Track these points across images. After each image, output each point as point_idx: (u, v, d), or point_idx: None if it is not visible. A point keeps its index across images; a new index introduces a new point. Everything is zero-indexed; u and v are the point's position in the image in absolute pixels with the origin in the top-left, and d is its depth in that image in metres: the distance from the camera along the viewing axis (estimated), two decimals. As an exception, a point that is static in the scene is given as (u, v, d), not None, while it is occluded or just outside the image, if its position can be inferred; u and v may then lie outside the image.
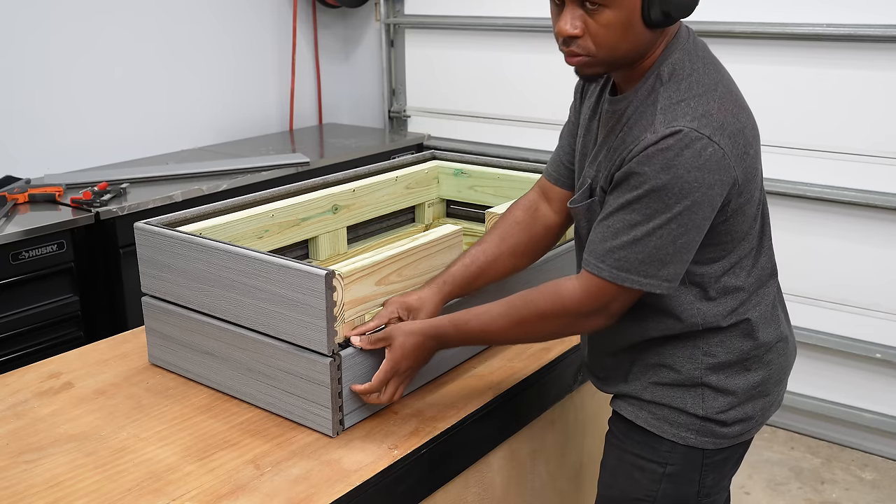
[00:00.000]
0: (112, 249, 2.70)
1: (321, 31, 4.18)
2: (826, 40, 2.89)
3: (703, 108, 1.25)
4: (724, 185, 1.26)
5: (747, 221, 1.35)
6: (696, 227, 1.26)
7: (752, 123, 1.33)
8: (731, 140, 1.25)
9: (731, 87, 1.33)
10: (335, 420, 1.42)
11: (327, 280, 1.35)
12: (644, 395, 1.44)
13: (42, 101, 3.11)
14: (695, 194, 1.23)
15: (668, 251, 1.26)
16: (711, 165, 1.23)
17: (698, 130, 1.22)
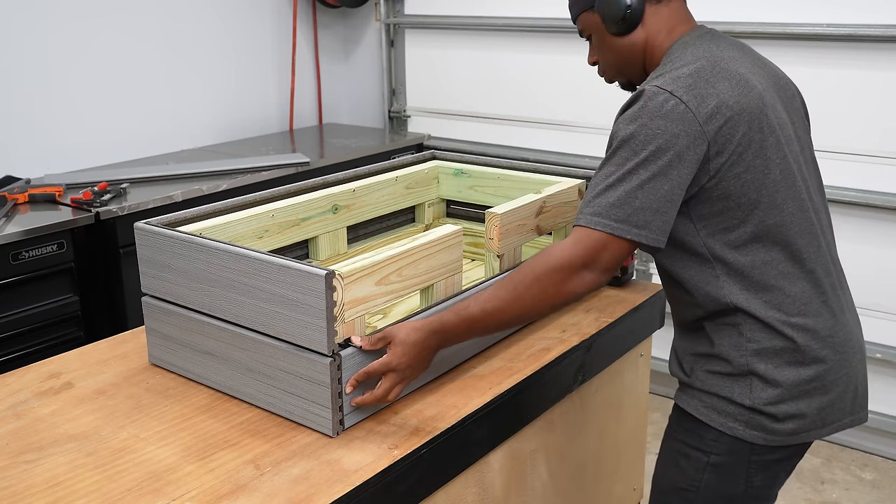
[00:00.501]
0: (112, 249, 2.70)
1: (321, 31, 4.18)
2: (826, 40, 2.89)
3: (675, 74, 1.38)
4: (689, 137, 1.32)
5: (748, 188, 1.37)
6: (667, 175, 1.33)
7: (742, 95, 1.37)
8: (698, 99, 1.34)
9: (720, 63, 1.40)
10: (335, 420, 1.42)
11: (327, 280, 1.35)
12: (696, 383, 1.49)
13: (42, 102, 3.11)
14: (658, 140, 1.32)
15: (642, 198, 1.33)
16: (674, 116, 1.32)
17: (661, 87, 1.35)
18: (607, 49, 1.54)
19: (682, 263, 1.45)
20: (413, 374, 1.46)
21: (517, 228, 1.83)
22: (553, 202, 1.93)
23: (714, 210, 1.39)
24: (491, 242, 1.80)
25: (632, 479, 2.25)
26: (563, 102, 3.52)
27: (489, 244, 1.80)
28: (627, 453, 2.20)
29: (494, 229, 1.78)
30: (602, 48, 1.56)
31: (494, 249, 1.80)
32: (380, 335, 1.44)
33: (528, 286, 1.40)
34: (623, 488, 2.21)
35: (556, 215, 1.95)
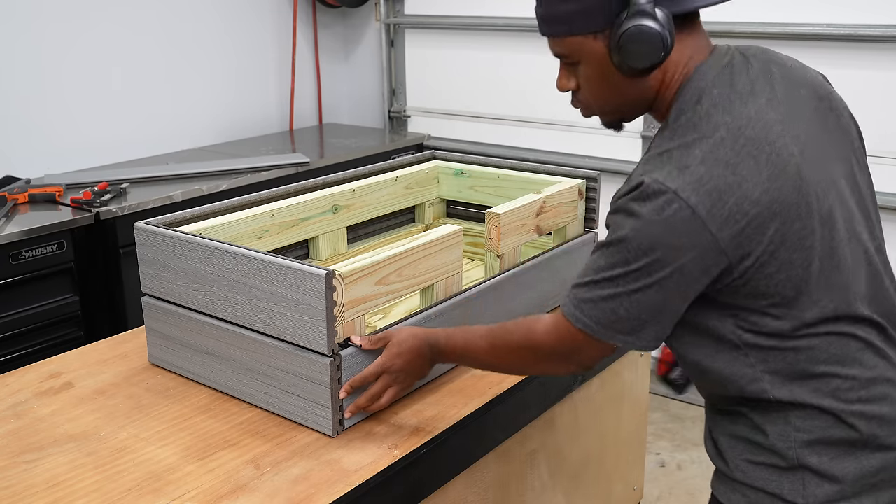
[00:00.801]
0: (112, 249, 2.70)
1: (321, 31, 4.18)
2: (826, 40, 2.89)
3: (684, 160, 1.09)
4: (696, 250, 1.08)
5: (784, 287, 1.12)
6: (663, 287, 1.11)
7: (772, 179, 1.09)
8: (711, 197, 1.06)
9: (744, 128, 1.10)
10: (335, 420, 1.43)
11: (327, 280, 1.35)
12: (737, 474, 1.23)
13: (42, 102, 3.11)
14: (655, 252, 1.09)
15: (628, 307, 1.13)
16: (676, 224, 1.07)
17: (663, 183, 1.07)
18: (608, 88, 1.22)
19: (706, 351, 1.21)
20: (406, 379, 1.46)
21: (517, 228, 1.83)
22: (553, 202, 1.93)
23: (744, 303, 1.14)
24: (491, 242, 1.80)
25: (632, 479, 2.25)
26: (563, 102, 3.50)
27: (489, 244, 1.80)
28: (627, 453, 2.20)
29: (494, 229, 1.78)
30: (599, 84, 1.22)
31: (494, 249, 1.80)
32: (380, 335, 1.45)
33: (506, 354, 1.34)
34: (623, 488, 2.21)
35: (556, 215, 1.95)
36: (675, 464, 2.92)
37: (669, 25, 1.12)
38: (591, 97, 1.25)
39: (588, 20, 1.16)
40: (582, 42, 1.19)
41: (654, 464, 2.90)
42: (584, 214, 2.06)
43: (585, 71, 1.22)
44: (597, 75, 1.21)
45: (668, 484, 2.81)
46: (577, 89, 1.26)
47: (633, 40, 1.12)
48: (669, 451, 2.98)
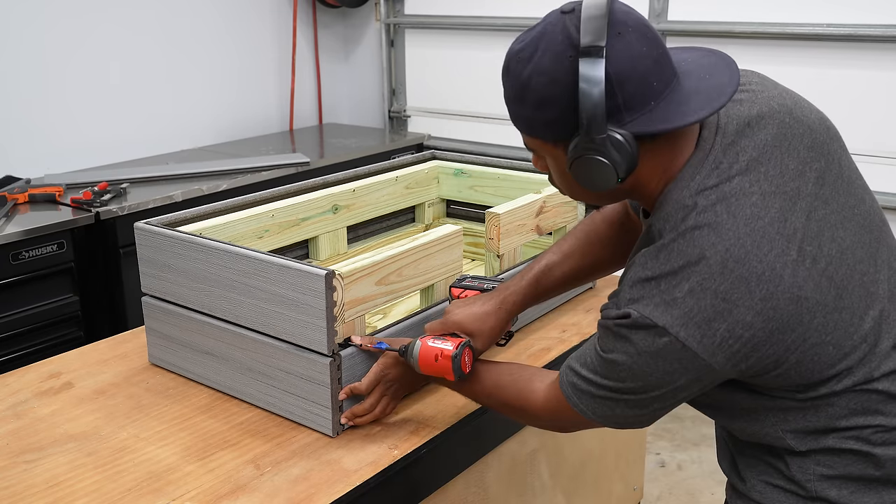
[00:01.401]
0: (112, 249, 2.70)
1: (321, 31, 4.18)
2: (826, 40, 2.89)
3: (670, 293, 1.04)
4: (690, 372, 1.06)
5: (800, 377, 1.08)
6: (654, 400, 1.11)
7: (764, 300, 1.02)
8: (701, 329, 1.03)
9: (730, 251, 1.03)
10: (335, 420, 1.42)
11: (327, 280, 1.35)
12: (753, 493, 1.19)
13: (42, 102, 3.11)
14: (646, 378, 1.08)
15: (619, 410, 1.14)
16: (666, 355, 1.05)
17: (652, 319, 1.04)
18: (572, 190, 1.18)
19: (724, 416, 1.20)
20: (401, 389, 1.47)
21: (517, 228, 1.83)
22: (553, 202, 1.93)
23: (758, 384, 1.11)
24: (491, 242, 1.80)
25: (632, 479, 2.25)
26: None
27: (489, 244, 1.80)
28: (627, 453, 2.20)
29: (494, 229, 1.78)
30: (563, 184, 1.18)
31: (494, 249, 1.80)
32: (378, 337, 1.45)
33: (499, 405, 1.36)
34: (623, 488, 2.21)
35: (556, 215, 1.95)
36: (676, 464, 2.92)
37: (626, 149, 1.04)
38: (563, 191, 1.21)
39: (545, 130, 1.10)
40: (543, 145, 1.13)
41: (654, 464, 2.90)
42: (584, 214, 2.06)
43: (552, 168, 1.17)
44: (562, 179, 1.17)
45: (668, 484, 2.81)
46: (545, 172, 1.20)
47: (583, 168, 1.07)
48: (669, 451, 2.98)
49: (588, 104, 1.02)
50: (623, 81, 1.03)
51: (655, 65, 1.05)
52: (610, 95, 1.02)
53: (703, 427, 3.14)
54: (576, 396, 1.17)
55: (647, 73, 1.04)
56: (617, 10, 1.06)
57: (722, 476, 2.90)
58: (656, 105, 1.05)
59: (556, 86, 1.05)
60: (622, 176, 1.06)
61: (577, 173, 1.08)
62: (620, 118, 1.04)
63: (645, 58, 1.04)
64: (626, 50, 1.03)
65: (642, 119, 1.04)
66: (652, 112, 1.05)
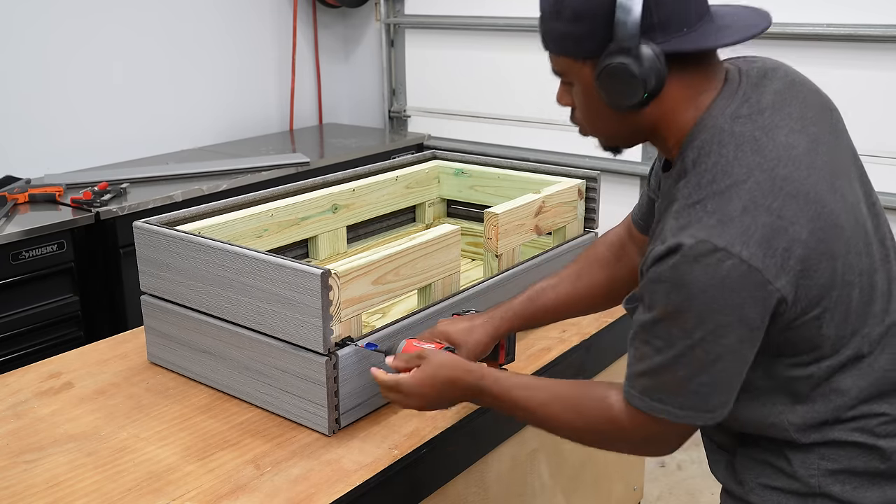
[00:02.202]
0: (112, 249, 2.70)
1: (321, 31, 4.18)
2: (826, 40, 2.89)
3: (722, 211, 1.01)
4: (758, 302, 1.01)
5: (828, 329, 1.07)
6: (732, 351, 1.04)
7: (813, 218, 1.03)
8: (763, 247, 1.00)
9: (775, 169, 1.04)
10: (331, 419, 1.43)
11: (323, 279, 1.35)
12: (751, 497, 1.17)
13: (42, 102, 3.11)
14: (716, 317, 1.01)
15: (700, 380, 1.05)
16: (732, 283, 0.99)
17: (711, 241, 1.00)
18: (597, 116, 1.17)
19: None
20: (421, 404, 1.33)
21: (516, 228, 1.83)
22: (552, 202, 1.93)
23: (781, 349, 1.09)
24: (490, 242, 1.80)
25: (632, 479, 2.25)
26: (563, 102, 3.52)
27: (488, 244, 1.80)
28: (627, 453, 2.19)
29: (493, 229, 1.78)
30: (588, 111, 1.17)
31: (493, 249, 1.80)
32: (415, 355, 1.33)
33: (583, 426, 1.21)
34: (623, 488, 2.21)
35: (556, 215, 1.95)
36: (675, 464, 2.92)
37: (656, 64, 1.06)
38: (585, 121, 1.20)
39: (577, 45, 1.11)
40: (572, 65, 1.13)
41: (654, 463, 2.90)
42: (583, 214, 2.06)
43: (578, 94, 1.16)
44: (587, 102, 1.15)
45: (668, 484, 2.81)
46: (573, 107, 1.20)
47: (611, 78, 1.08)
48: (669, 451, 2.99)
49: (623, 16, 1.04)
50: (660, 1, 1.05)
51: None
52: (646, 12, 1.05)
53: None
54: (654, 401, 1.08)
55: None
56: None
57: (722, 476, 2.89)
58: (689, 31, 1.07)
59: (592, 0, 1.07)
60: (648, 91, 1.07)
61: (604, 85, 1.09)
62: (654, 37, 1.06)
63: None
64: None
65: (675, 41, 1.07)
66: (685, 36, 1.07)
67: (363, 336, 1.47)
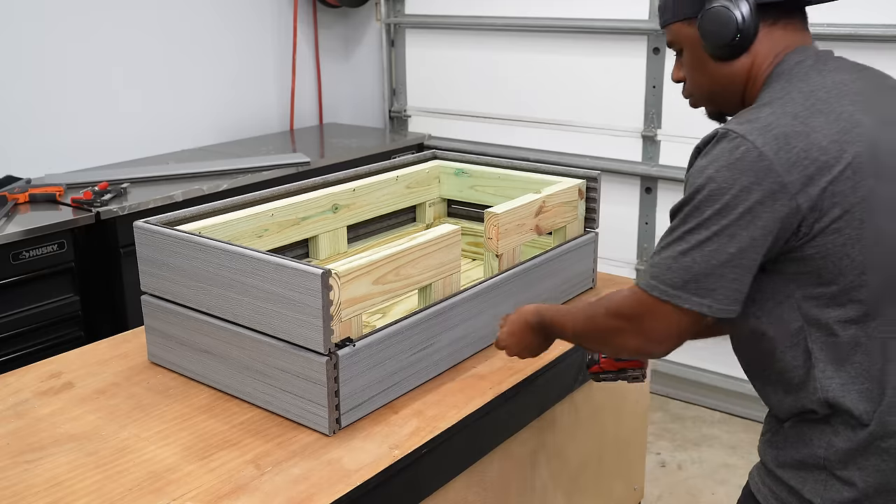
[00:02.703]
0: (112, 249, 2.70)
1: (321, 31, 4.18)
2: (826, 40, 2.88)
3: (755, 114, 1.17)
4: (765, 192, 1.11)
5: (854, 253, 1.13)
6: (736, 238, 1.12)
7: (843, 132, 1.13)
8: (778, 140, 1.12)
9: (816, 93, 1.17)
10: (331, 419, 1.43)
11: (323, 279, 1.35)
12: (771, 464, 1.26)
13: (42, 101, 3.11)
14: (725, 196, 1.12)
15: (701, 262, 1.14)
16: (744, 166, 1.11)
17: (732, 129, 1.15)
18: (701, 72, 1.32)
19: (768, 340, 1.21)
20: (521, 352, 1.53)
21: (516, 228, 1.83)
22: (553, 202, 1.93)
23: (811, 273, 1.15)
24: (490, 242, 1.80)
25: (632, 479, 2.25)
26: (563, 102, 3.52)
27: (488, 244, 1.80)
28: (627, 453, 2.20)
29: (493, 229, 1.78)
30: (694, 69, 1.33)
31: (493, 249, 1.80)
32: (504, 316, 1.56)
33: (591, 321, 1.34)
34: (623, 488, 2.21)
35: (556, 215, 1.95)
36: (676, 464, 2.92)
37: (748, 11, 1.23)
38: (691, 84, 1.35)
39: (683, 6, 1.29)
40: (680, 28, 1.31)
41: (654, 463, 2.90)
42: (584, 214, 2.06)
43: (686, 58, 1.33)
44: (692, 61, 1.32)
45: (668, 484, 2.81)
46: (684, 79, 1.37)
47: (709, 20, 1.25)
48: (670, 451, 2.98)
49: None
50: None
51: None
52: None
53: (703, 427, 3.15)
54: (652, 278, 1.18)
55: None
56: None
57: (722, 476, 2.92)
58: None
59: None
60: (742, 33, 1.23)
61: (704, 30, 1.26)
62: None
63: None
64: None
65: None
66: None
67: (362, 336, 1.47)
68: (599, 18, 3.31)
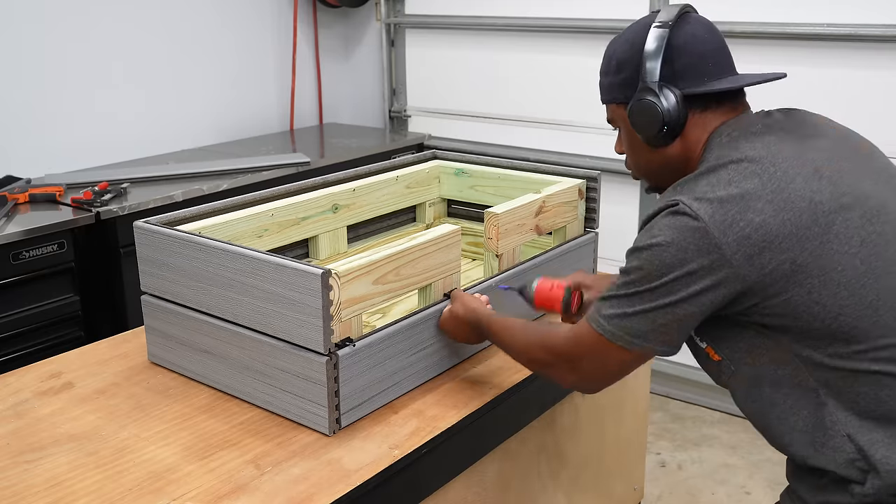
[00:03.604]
0: (112, 249, 2.70)
1: (322, 31, 4.18)
2: (826, 40, 2.89)
3: (692, 184, 1.19)
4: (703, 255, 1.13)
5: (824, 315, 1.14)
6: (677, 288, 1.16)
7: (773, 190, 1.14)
8: (714, 205, 1.14)
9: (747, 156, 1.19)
10: (332, 419, 1.43)
11: (323, 279, 1.35)
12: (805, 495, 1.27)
13: (42, 101, 3.11)
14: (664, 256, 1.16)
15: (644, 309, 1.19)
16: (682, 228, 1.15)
17: (673, 199, 1.18)
18: (637, 154, 1.37)
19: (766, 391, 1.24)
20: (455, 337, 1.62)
21: (516, 228, 1.83)
22: (553, 202, 1.93)
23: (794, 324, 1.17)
24: (490, 242, 1.80)
25: (632, 479, 2.25)
26: (563, 102, 3.52)
27: (488, 244, 1.80)
28: (627, 453, 2.20)
29: (493, 229, 1.78)
30: (630, 149, 1.38)
31: (493, 249, 1.80)
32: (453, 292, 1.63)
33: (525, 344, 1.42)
34: (623, 488, 2.21)
35: (556, 215, 1.95)
36: (676, 464, 2.92)
37: (672, 102, 1.26)
38: (630, 160, 1.41)
39: (617, 92, 1.35)
40: (615, 110, 1.37)
41: (654, 463, 2.90)
42: (584, 214, 2.06)
43: (623, 136, 1.39)
44: (628, 141, 1.38)
45: (668, 484, 2.81)
46: (622, 152, 1.42)
47: (637, 112, 1.30)
48: (670, 451, 2.98)
49: (649, 60, 1.27)
50: (682, 52, 1.27)
51: (714, 51, 1.29)
52: (667, 60, 1.27)
53: (703, 427, 3.15)
54: (599, 319, 1.24)
55: (704, 54, 1.28)
56: (691, 9, 1.33)
57: (722, 476, 2.92)
58: (709, 81, 1.28)
59: (631, 52, 1.30)
60: (668, 124, 1.26)
61: (635, 120, 1.30)
62: (675, 83, 1.27)
63: (704, 42, 1.29)
64: (690, 31, 1.29)
65: (692, 88, 1.27)
66: (703, 85, 1.27)
67: (362, 336, 1.47)
68: (599, 18, 3.31)
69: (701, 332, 1.26)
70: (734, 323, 1.21)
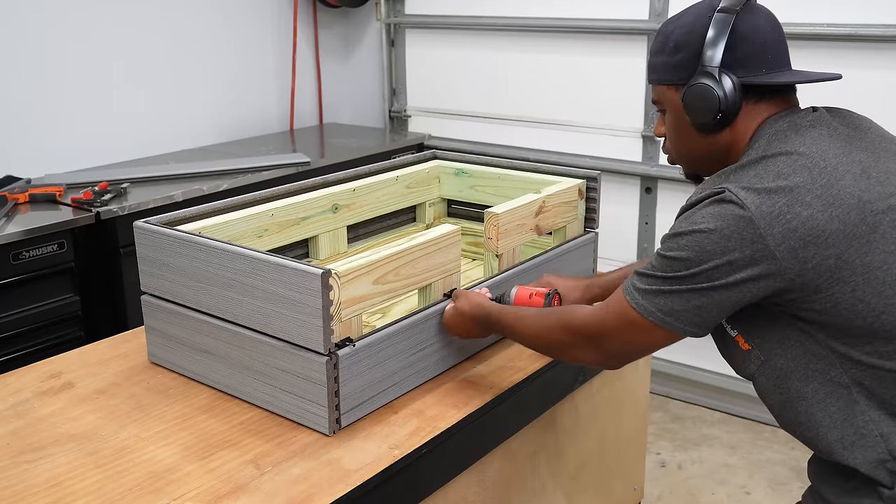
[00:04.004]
0: (112, 249, 2.70)
1: (322, 31, 4.18)
2: (826, 40, 2.89)
3: (739, 173, 1.18)
4: (746, 246, 1.12)
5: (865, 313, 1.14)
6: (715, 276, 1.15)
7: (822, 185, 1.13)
8: (762, 195, 1.13)
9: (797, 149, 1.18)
10: (332, 419, 1.43)
11: (323, 279, 1.35)
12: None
13: (42, 101, 3.11)
14: (705, 243, 1.15)
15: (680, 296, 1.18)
16: (726, 216, 1.14)
17: (718, 186, 1.17)
18: (681, 138, 1.35)
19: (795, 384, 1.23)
20: (460, 335, 1.61)
21: (516, 228, 1.83)
22: (553, 202, 1.93)
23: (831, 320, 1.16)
24: (490, 242, 1.80)
25: (632, 478, 2.25)
26: (563, 102, 3.52)
27: (488, 244, 1.80)
28: (627, 453, 2.20)
29: (493, 229, 1.78)
30: (675, 133, 1.35)
31: (493, 249, 1.80)
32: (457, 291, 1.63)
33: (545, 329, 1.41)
34: (623, 488, 2.21)
35: (556, 215, 1.95)
36: (676, 464, 2.92)
37: (731, 89, 1.24)
38: (671, 145, 1.38)
39: (671, 73, 1.31)
40: (665, 91, 1.34)
41: (654, 463, 2.90)
42: (584, 214, 2.06)
43: (668, 120, 1.36)
44: (674, 124, 1.35)
45: (668, 484, 2.81)
46: (663, 136, 1.39)
47: (693, 95, 1.26)
48: (670, 451, 2.98)
49: (710, 46, 1.24)
50: (744, 40, 1.25)
51: (775, 43, 1.27)
52: (730, 48, 1.24)
53: (703, 427, 3.15)
54: (635, 293, 1.23)
55: (765, 45, 1.26)
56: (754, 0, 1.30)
57: (722, 476, 2.92)
58: (767, 73, 1.26)
59: (691, 35, 1.27)
60: (723, 111, 1.24)
61: (687, 104, 1.28)
62: (735, 71, 1.24)
63: (767, 33, 1.27)
64: (753, 20, 1.26)
65: (750, 77, 1.25)
66: (761, 76, 1.26)
67: (362, 336, 1.47)
68: (599, 18, 3.31)
69: (732, 319, 1.25)
70: (769, 312, 1.20)
